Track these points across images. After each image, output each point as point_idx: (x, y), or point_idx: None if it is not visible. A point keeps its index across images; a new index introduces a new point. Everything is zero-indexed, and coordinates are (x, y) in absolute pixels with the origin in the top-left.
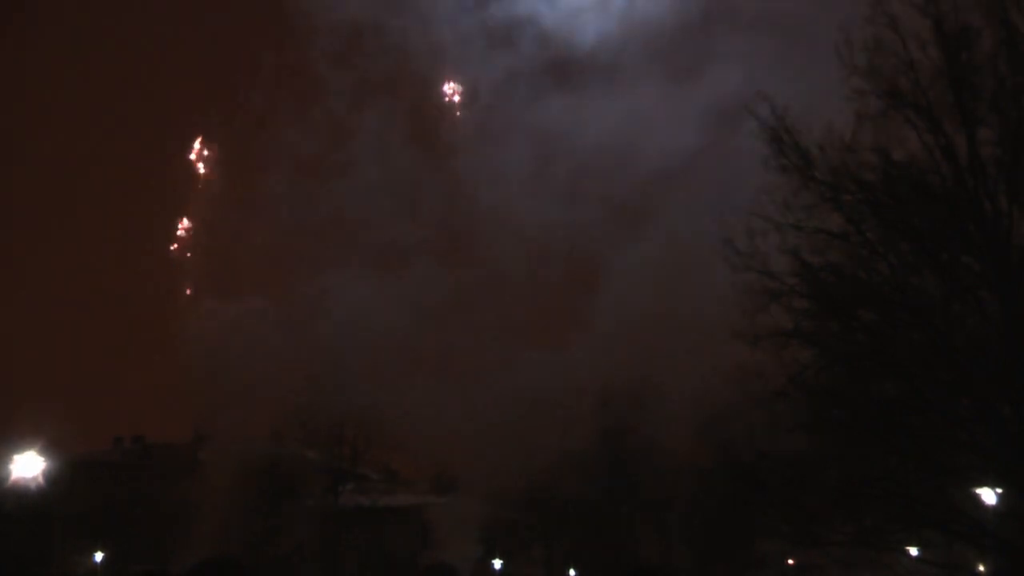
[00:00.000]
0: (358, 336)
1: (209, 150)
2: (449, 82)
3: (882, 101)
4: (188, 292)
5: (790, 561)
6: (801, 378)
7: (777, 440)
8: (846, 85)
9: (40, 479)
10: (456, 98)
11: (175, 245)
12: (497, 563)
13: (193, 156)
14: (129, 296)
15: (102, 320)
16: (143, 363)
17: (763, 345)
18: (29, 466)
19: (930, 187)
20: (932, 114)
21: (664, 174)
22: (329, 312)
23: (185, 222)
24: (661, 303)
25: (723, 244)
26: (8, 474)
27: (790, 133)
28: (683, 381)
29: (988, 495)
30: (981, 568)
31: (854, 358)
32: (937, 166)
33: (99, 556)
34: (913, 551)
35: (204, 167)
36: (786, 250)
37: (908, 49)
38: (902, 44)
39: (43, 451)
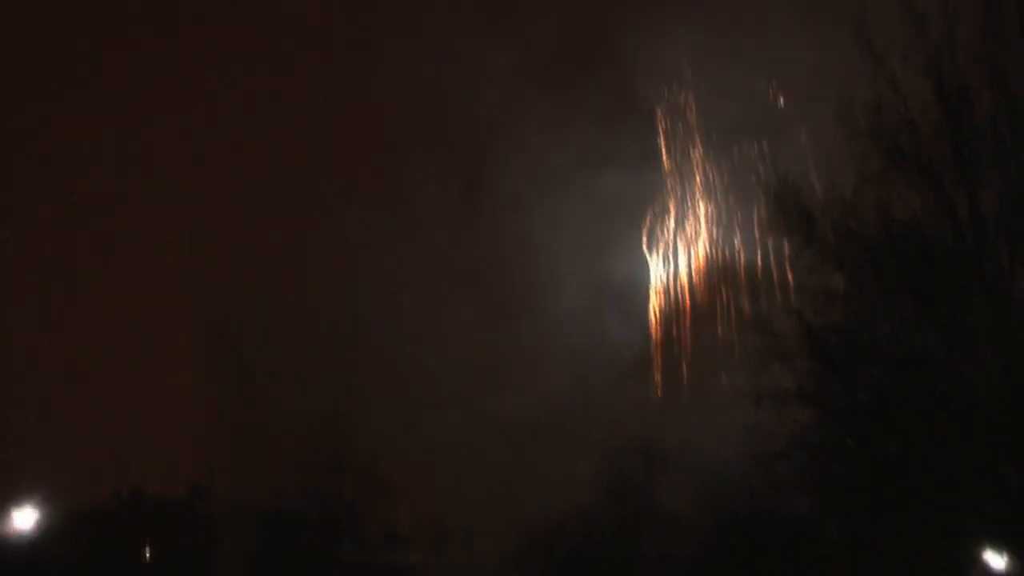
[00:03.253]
0: (376, 366)
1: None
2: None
3: (883, 160)
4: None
5: None
6: (803, 438)
7: (778, 500)
8: (848, 145)
9: (36, 532)
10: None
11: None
12: None
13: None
14: (129, 337)
15: (102, 365)
16: (143, 411)
17: (765, 405)
18: (24, 519)
19: (931, 246)
20: (933, 173)
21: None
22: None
23: None
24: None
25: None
26: (3, 527)
27: (792, 193)
28: (687, 439)
29: (995, 560)
30: None
31: (855, 416)
32: (938, 225)
33: None
34: None
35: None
36: (788, 310)
37: (909, 109)
38: (903, 104)
39: (39, 504)
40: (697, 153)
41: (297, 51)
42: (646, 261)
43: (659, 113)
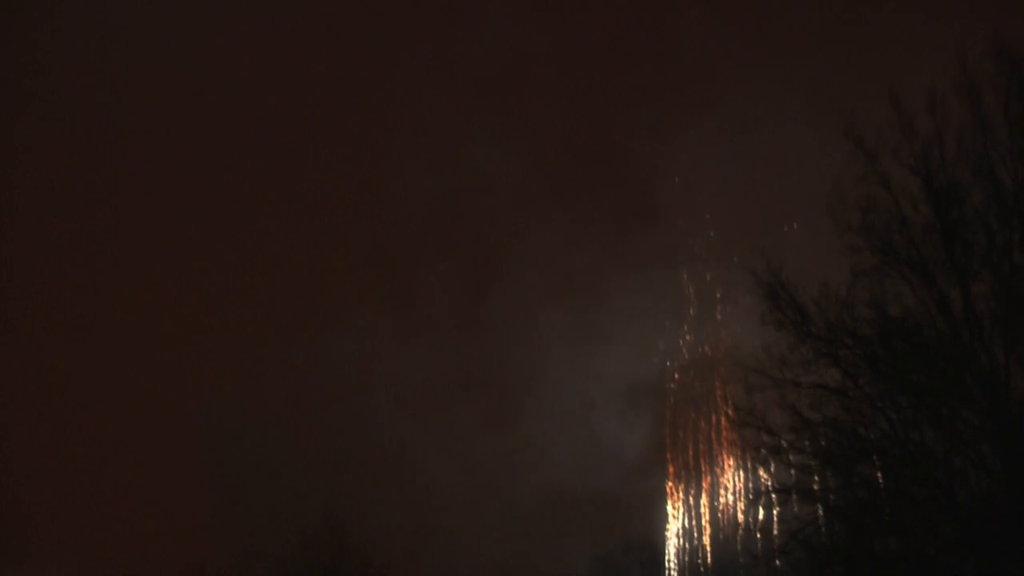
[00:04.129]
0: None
1: None
2: None
3: (876, 257)
4: None
5: None
6: (802, 535)
7: None
8: (840, 241)
9: None
10: None
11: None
12: None
13: None
14: (125, 434)
15: (97, 465)
16: (137, 506)
17: (764, 502)
18: None
19: (926, 341)
20: (926, 269)
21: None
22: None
23: None
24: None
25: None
26: None
27: (786, 289)
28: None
29: None
30: None
31: (855, 514)
32: (932, 320)
33: None
34: None
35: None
36: (784, 406)
37: (900, 206)
38: (894, 201)
39: None
40: (703, 251)
41: (312, 152)
42: (655, 361)
43: (668, 215)
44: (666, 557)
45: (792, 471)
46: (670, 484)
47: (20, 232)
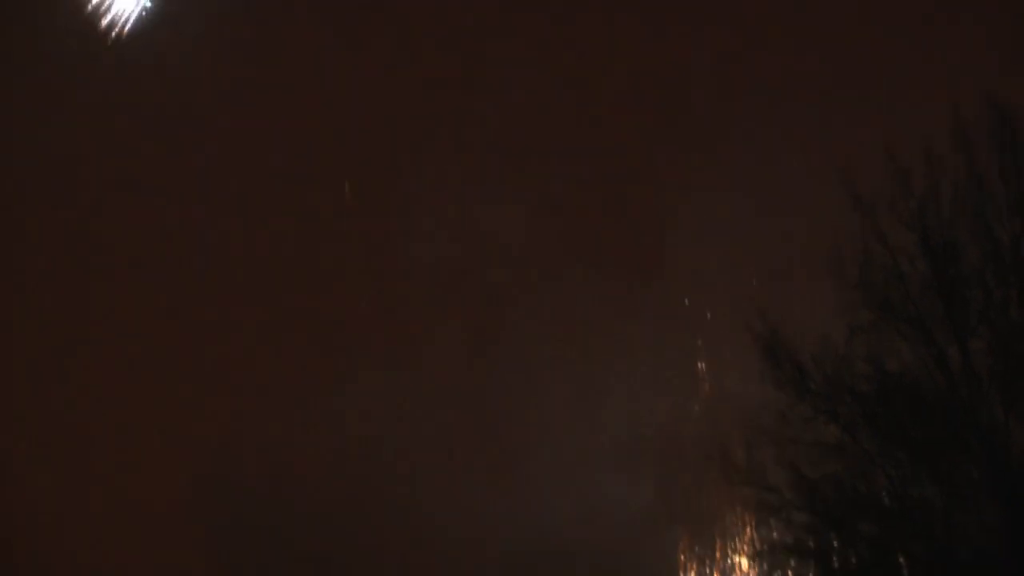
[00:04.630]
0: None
1: None
2: None
3: (874, 313)
4: None
5: None
6: None
7: None
8: (838, 298)
9: None
10: None
11: None
12: None
13: None
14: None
15: (98, 515)
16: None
17: (763, 560)
18: None
19: (925, 397)
20: (924, 325)
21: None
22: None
23: None
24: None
25: (720, 458)
26: None
27: (784, 347)
28: None
29: None
30: None
31: (856, 572)
32: (931, 376)
33: None
34: None
35: None
36: (784, 463)
37: (897, 263)
38: (891, 258)
39: None
40: (711, 309)
41: (323, 199)
42: (661, 418)
43: (676, 272)
44: None
45: (794, 530)
46: (682, 556)
47: (23, 251)
